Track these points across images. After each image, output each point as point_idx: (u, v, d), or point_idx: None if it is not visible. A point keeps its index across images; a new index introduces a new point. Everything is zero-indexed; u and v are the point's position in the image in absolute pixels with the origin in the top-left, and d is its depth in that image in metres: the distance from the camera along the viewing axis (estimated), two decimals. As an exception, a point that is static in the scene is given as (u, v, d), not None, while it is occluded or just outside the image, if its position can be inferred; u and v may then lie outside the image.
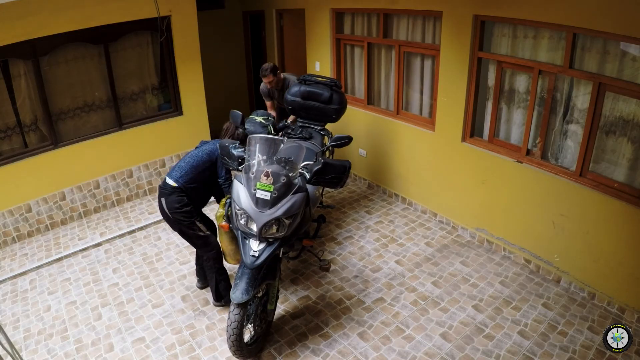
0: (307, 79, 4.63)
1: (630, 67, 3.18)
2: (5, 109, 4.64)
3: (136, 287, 4.09)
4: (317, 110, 4.55)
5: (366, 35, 5.32)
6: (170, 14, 5.30)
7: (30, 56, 4.60)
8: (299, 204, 2.99)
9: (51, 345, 3.48)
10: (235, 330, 2.87)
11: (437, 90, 4.51)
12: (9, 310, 3.91)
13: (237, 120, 3.75)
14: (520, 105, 4.01)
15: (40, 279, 4.33)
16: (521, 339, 3.31)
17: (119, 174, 5.51)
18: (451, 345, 3.28)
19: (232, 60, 7.59)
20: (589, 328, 3.39)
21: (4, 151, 4.72)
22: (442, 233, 4.70)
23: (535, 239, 3.99)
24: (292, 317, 3.62)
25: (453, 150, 4.50)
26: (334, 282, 4.02)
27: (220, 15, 7.27)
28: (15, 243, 4.91)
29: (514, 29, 3.83)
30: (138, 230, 5.02)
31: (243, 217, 2.98)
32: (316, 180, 3.27)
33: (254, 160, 3.10)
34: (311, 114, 4.59)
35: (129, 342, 3.45)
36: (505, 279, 3.97)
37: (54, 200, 5.08)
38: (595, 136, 3.44)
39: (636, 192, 3.28)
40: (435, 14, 4.38)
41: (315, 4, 5.71)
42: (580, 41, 3.39)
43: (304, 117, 4.66)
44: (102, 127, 5.32)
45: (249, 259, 2.89)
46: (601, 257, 3.52)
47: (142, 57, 5.47)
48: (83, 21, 4.76)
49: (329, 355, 3.25)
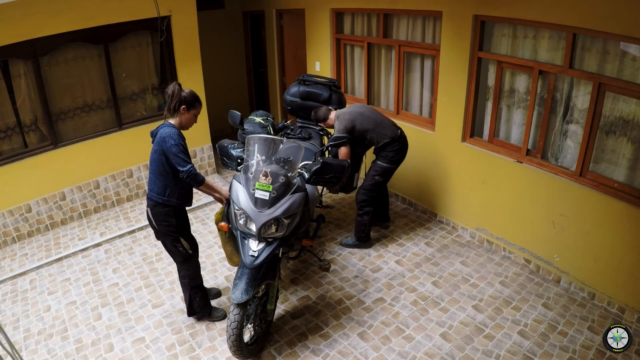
0: (306, 79, 4.63)
1: (630, 67, 3.18)
2: (5, 109, 4.64)
3: (136, 287, 4.09)
4: None
5: (366, 35, 5.32)
6: (170, 14, 5.30)
7: (30, 56, 4.60)
8: (297, 204, 2.99)
9: (51, 345, 3.48)
10: (235, 330, 2.87)
11: (437, 90, 4.51)
12: (9, 310, 3.92)
13: (236, 120, 3.76)
14: (520, 105, 4.01)
15: (40, 279, 4.33)
16: (521, 339, 3.30)
17: (119, 174, 5.51)
18: (451, 345, 3.28)
19: (232, 60, 7.59)
20: (589, 328, 3.38)
21: (4, 151, 4.72)
22: (442, 233, 4.70)
23: (535, 239, 3.98)
24: (292, 317, 3.62)
25: (453, 150, 4.50)
26: (334, 282, 4.02)
27: (220, 15, 7.27)
28: (15, 243, 4.91)
29: (514, 29, 3.83)
30: (138, 230, 5.02)
31: (242, 217, 2.98)
32: (315, 180, 3.28)
33: (252, 161, 3.10)
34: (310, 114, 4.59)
35: (129, 342, 3.45)
36: (505, 279, 3.97)
37: (54, 200, 5.08)
38: (595, 136, 3.44)
39: (636, 192, 3.28)
40: (435, 14, 4.37)
41: (315, 4, 5.71)
42: (580, 41, 3.39)
43: (303, 117, 4.66)
44: (102, 127, 5.32)
45: (248, 259, 2.89)
46: (601, 257, 3.52)
47: (142, 57, 5.47)
48: (83, 21, 4.76)
49: (329, 355, 3.25)
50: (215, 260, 4.41)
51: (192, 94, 3.10)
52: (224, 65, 7.41)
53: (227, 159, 3.60)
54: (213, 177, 6.21)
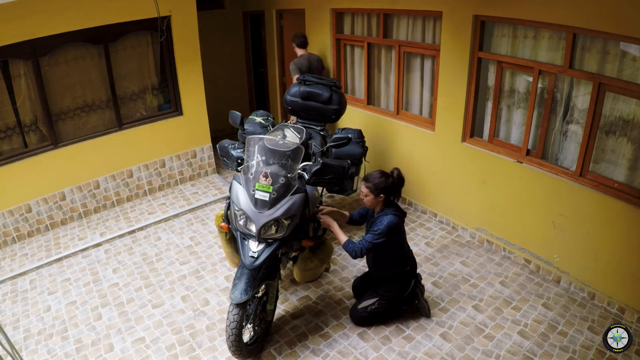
0: (307, 79, 4.63)
1: (630, 67, 3.18)
2: (5, 109, 4.64)
3: (136, 287, 4.09)
4: (316, 110, 4.54)
5: (366, 35, 5.32)
6: (170, 14, 5.30)
7: (30, 56, 4.60)
8: (297, 205, 2.99)
9: (51, 345, 3.48)
10: (234, 330, 2.87)
11: (437, 90, 4.51)
12: (9, 310, 3.92)
13: (237, 121, 3.76)
14: (520, 105, 4.01)
15: (40, 279, 4.33)
16: (521, 339, 3.31)
17: (119, 174, 5.51)
18: (451, 346, 3.28)
19: (232, 60, 7.59)
20: (589, 328, 3.38)
21: (4, 151, 4.72)
22: (442, 233, 4.70)
23: (535, 239, 3.98)
24: (292, 317, 3.63)
25: (453, 151, 4.50)
26: (334, 282, 4.02)
27: (220, 15, 7.26)
28: (15, 243, 4.91)
29: (514, 29, 3.83)
30: (138, 231, 5.02)
31: (242, 218, 2.98)
32: (315, 180, 3.27)
33: (253, 161, 3.10)
34: (311, 115, 4.59)
35: (129, 342, 3.45)
36: (505, 279, 3.97)
37: (54, 200, 5.08)
38: (595, 136, 3.44)
39: (636, 192, 3.28)
40: (435, 14, 4.37)
41: (315, 4, 5.71)
42: (580, 41, 3.39)
43: (304, 118, 4.66)
44: (102, 127, 5.32)
45: (248, 259, 2.90)
46: (601, 257, 3.52)
47: (142, 57, 5.47)
48: (83, 21, 4.76)
49: (329, 355, 3.25)
50: (216, 261, 4.41)
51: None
52: (224, 66, 7.40)
53: (227, 159, 3.60)
54: (213, 177, 6.21)
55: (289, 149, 3.11)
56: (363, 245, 3.10)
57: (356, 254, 3.11)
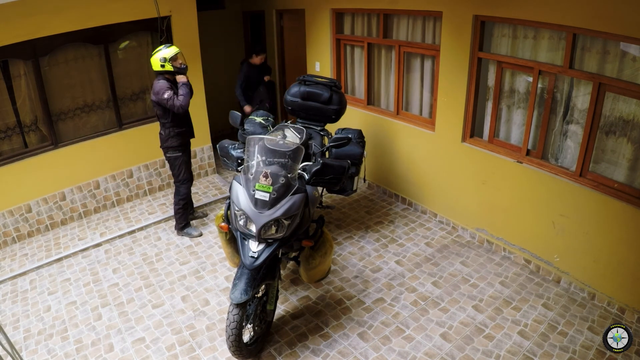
0: (307, 80, 4.63)
1: (630, 67, 3.18)
2: (5, 109, 4.64)
3: (136, 287, 4.09)
4: (316, 110, 4.54)
5: (366, 35, 5.32)
6: (170, 14, 5.30)
7: (30, 56, 4.60)
8: (298, 205, 2.99)
9: (51, 345, 3.48)
10: (234, 330, 2.87)
11: (437, 90, 4.51)
12: (9, 310, 3.92)
13: (237, 121, 3.75)
14: (520, 105, 4.01)
15: (40, 279, 4.33)
16: (521, 339, 3.31)
17: (119, 174, 5.51)
18: (451, 346, 3.28)
19: (232, 60, 7.58)
20: (589, 328, 3.38)
21: (4, 151, 4.72)
22: (442, 233, 4.70)
23: (535, 239, 3.98)
24: (292, 317, 3.63)
25: (453, 151, 4.50)
26: (334, 282, 4.02)
27: (220, 15, 7.26)
28: (15, 243, 4.91)
29: (514, 29, 3.83)
30: (138, 231, 5.02)
31: (242, 218, 2.98)
32: (315, 180, 3.27)
33: (253, 161, 3.10)
34: (311, 115, 4.59)
35: (129, 343, 3.45)
36: (505, 279, 3.97)
37: (54, 201, 5.08)
38: (595, 136, 3.44)
39: (636, 192, 3.28)
40: (435, 14, 4.37)
41: (315, 4, 5.71)
42: (580, 41, 3.39)
43: (304, 118, 4.66)
44: (102, 127, 5.32)
45: (248, 260, 2.89)
46: (601, 257, 3.52)
47: (142, 57, 5.47)
48: (83, 21, 4.76)
49: (329, 355, 3.25)
50: (216, 261, 4.41)
51: None
52: (224, 66, 7.40)
53: (228, 160, 3.60)
54: (213, 177, 6.21)
55: (289, 149, 3.11)
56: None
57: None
